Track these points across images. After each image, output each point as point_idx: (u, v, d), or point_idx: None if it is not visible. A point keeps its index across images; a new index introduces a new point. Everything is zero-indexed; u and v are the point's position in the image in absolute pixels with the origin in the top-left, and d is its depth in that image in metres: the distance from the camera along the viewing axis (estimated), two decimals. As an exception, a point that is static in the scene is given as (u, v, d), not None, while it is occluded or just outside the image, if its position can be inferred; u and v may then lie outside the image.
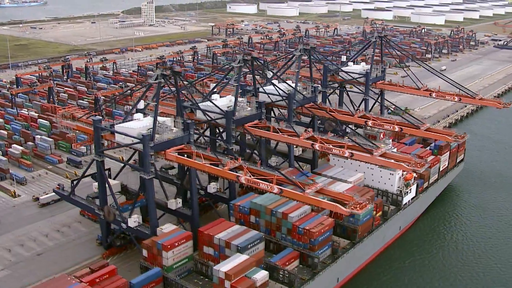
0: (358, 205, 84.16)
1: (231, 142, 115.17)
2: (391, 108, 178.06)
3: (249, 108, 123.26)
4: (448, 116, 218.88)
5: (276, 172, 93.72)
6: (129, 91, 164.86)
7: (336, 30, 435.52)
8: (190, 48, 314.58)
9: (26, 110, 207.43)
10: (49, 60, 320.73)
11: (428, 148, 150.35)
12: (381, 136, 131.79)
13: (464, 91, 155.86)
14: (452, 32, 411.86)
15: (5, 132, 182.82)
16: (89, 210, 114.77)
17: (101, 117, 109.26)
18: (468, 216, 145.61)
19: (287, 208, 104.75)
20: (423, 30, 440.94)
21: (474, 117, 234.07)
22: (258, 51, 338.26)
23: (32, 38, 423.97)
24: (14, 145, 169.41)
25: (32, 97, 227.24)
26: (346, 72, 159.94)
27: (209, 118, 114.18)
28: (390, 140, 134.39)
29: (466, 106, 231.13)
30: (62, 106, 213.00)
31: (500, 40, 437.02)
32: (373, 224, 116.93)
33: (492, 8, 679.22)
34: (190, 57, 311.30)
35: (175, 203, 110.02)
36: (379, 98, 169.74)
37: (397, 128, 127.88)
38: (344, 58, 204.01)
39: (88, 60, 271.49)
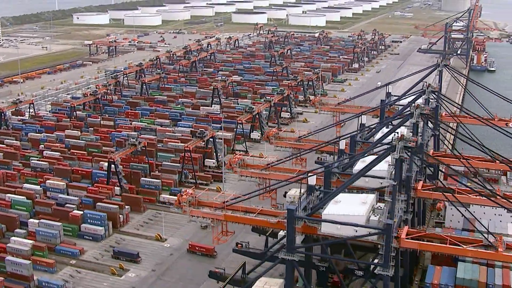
0: None
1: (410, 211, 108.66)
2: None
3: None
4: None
5: None
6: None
7: (237, 42, 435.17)
8: (112, 75, 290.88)
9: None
10: None
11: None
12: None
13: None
14: (360, 36, 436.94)
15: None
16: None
17: (295, 205, 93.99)
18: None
19: (502, 278, 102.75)
20: (325, 36, 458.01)
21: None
22: (178, 75, 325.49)
23: None
24: (15, 238, 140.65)
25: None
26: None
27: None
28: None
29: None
30: (5, 169, 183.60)
31: (401, 41, 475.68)
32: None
33: (361, 5, 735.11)
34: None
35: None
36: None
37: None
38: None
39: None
